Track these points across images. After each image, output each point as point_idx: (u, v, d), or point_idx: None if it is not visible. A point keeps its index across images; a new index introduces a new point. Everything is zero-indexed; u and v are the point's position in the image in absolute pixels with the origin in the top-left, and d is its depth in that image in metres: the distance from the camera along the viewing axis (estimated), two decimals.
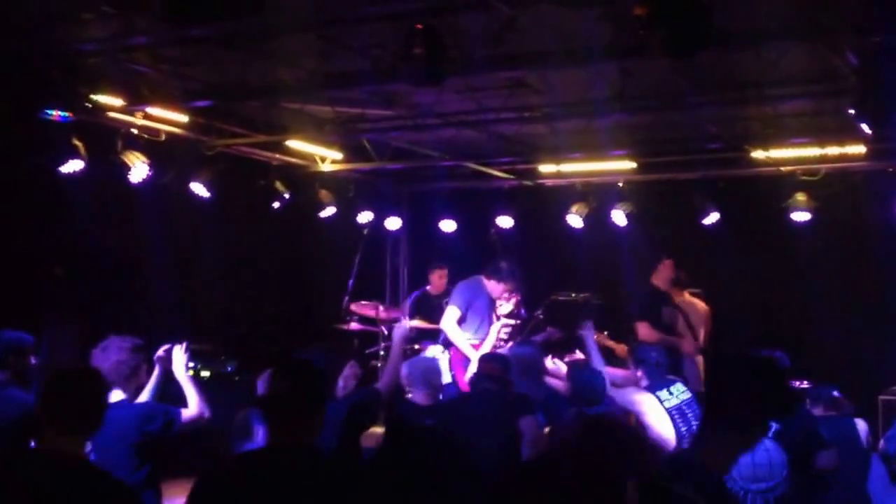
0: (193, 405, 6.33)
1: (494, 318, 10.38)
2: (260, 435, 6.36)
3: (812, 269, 11.49)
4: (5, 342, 6.54)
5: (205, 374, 10.81)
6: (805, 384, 9.39)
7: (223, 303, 11.61)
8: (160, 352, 6.57)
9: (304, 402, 4.16)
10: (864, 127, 8.41)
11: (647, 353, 7.61)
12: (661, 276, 10.93)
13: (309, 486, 3.96)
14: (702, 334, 11.10)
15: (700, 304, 11.24)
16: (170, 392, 6.54)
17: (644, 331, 10.29)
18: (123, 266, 10.35)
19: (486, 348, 9.95)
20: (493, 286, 10.18)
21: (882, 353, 10.63)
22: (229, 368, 11.24)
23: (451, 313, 10.14)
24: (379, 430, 6.19)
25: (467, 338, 10.23)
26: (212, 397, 6.59)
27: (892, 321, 11.21)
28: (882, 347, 10.78)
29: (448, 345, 10.30)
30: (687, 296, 11.34)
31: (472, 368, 9.41)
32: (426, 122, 10.54)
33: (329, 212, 12.45)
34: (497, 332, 10.10)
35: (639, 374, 7.47)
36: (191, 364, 10.88)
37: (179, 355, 6.42)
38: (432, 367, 7.56)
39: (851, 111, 8.20)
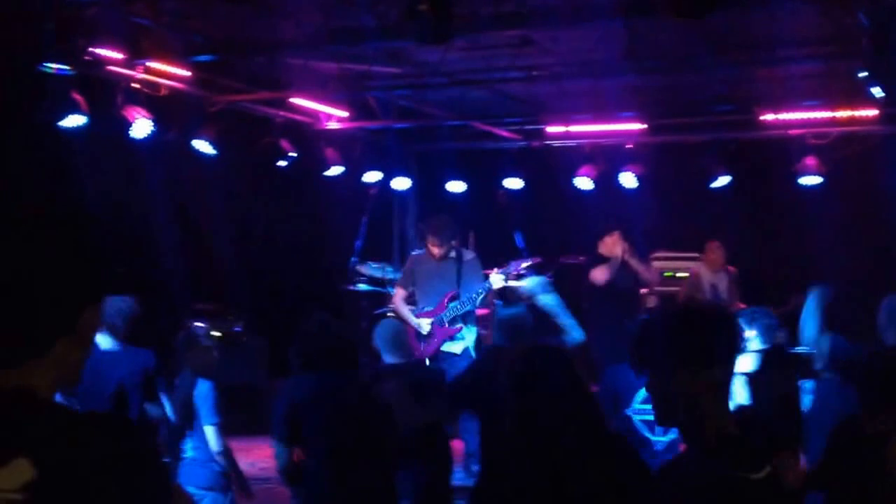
0: None
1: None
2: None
3: (822, 232, 11.38)
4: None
5: (215, 333, 10.72)
6: None
7: (229, 261, 11.55)
8: None
9: None
10: (876, 90, 8.28)
11: (763, 315, 7.34)
12: (607, 246, 11.01)
13: None
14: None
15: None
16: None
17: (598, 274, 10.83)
18: (128, 223, 10.29)
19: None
20: (430, 242, 10.02)
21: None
22: (237, 328, 11.19)
23: (397, 292, 10.17)
24: None
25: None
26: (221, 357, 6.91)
27: None
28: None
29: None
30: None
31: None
32: (432, 81, 10.43)
33: (336, 171, 12.31)
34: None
35: (752, 333, 7.25)
36: (201, 324, 10.94)
37: None
38: (399, 329, 7.48)
39: (863, 74, 8.08)
